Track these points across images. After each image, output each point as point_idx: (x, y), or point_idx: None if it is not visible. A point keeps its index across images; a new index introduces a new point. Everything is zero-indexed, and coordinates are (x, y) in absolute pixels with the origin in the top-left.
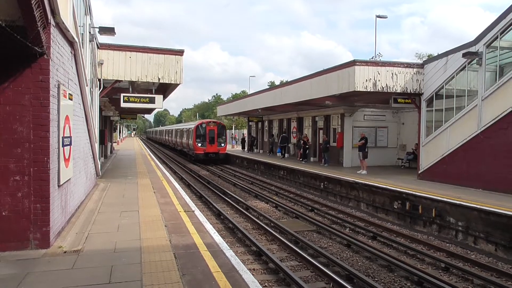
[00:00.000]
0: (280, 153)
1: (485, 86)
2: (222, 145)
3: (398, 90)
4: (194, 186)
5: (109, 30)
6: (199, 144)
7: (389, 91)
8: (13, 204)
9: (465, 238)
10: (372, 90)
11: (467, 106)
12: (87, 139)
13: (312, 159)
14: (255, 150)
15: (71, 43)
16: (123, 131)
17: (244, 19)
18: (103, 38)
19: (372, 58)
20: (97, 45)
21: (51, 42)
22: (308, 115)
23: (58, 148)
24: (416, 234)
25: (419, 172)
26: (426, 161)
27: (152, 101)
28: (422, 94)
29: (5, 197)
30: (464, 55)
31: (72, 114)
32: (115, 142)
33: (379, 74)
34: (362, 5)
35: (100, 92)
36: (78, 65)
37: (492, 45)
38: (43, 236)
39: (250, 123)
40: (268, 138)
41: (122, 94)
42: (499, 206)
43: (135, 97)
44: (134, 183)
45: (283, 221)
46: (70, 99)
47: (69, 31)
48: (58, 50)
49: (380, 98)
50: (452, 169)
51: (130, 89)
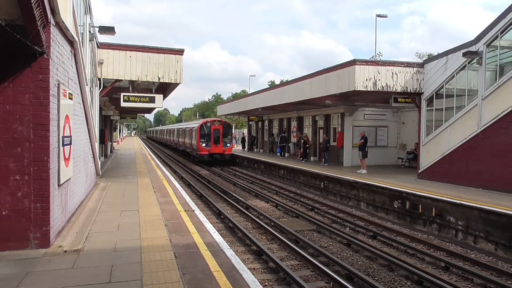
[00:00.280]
0: (279, 152)
1: (485, 85)
2: (228, 145)
3: (398, 90)
4: (194, 185)
5: (109, 30)
6: (204, 144)
7: (389, 91)
8: (13, 203)
9: (465, 237)
10: (372, 90)
11: (467, 105)
12: (87, 139)
13: (312, 159)
14: (255, 149)
15: (71, 43)
16: (123, 131)
17: (244, 18)
18: (103, 38)
19: (372, 58)
20: (97, 44)
21: (51, 41)
22: (308, 115)
23: (58, 147)
24: (416, 233)
25: (419, 171)
26: (426, 160)
27: (152, 100)
28: (422, 93)
29: (5, 196)
30: (464, 55)
31: (72, 114)
32: (115, 142)
33: (379, 73)
34: (362, 4)
35: (100, 91)
36: (78, 64)
37: (492, 44)
38: (43, 235)
39: (250, 123)
40: (268, 138)
41: (122, 94)
42: (499, 205)
43: (135, 96)
44: (134, 183)
45: (283, 220)
46: (70, 99)
47: (69, 30)
48: (58, 49)
49: (380, 98)
50: (452, 168)
51: (130, 88)
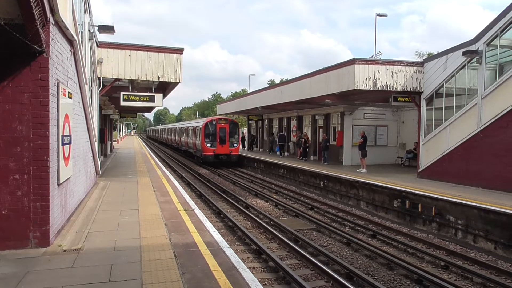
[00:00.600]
0: (278, 151)
1: (485, 84)
2: (235, 145)
3: (398, 89)
4: (194, 184)
5: (108, 29)
6: (208, 144)
7: (389, 90)
8: (12, 202)
9: (464, 236)
10: (372, 89)
11: (467, 104)
12: (87, 138)
13: (312, 158)
14: (255, 148)
15: (71, 42)
16: (123, 130)
17: (243, 17)
18: (103, 37)
19: (372, 57)
20: (96, 43)
21: (50, 40)
22: (308, 114)
23: (58, 146)
24: (415, 232)
25: (419, 170)
26: (426, 159)
27: (151, 99)
28: (422, 92)
29: (4, 195)
30: (464, 54)
31: (71, 113)
32: (115, 141)
33: (379, 72)
34: (362, 3)
35: (99, 90)
36: (77, 63)
37: (492, 43)
38: (43, 234)
39: (250, 122)
40: (268, 137)
41: (122, 93)
42: (499, 205)
43: (135, 95)
44: (134, 182)
45: (283, 219)
46: (70, 98)
47: (68, 30)
48: (57, 48)
49: (380, 97)
50: (451, 167)
51: (130, 87)
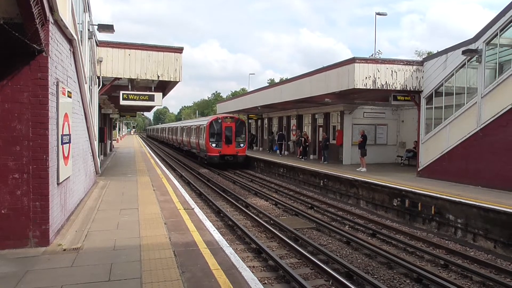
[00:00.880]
0: (276, 150)
1: (484, 83)
2: (241, 145)
3: (398, 88)
4: (193, 183)
5: (108, 28)
6: (213, 144)
7: (388, 89)
8: (12, 202)
9: (464, 235)
10: (371, 88)
11: (467, 103)
12: (86, 137)
13: (311, 157)
14: (255, 147)
15: (70, 41)
16: (123, 129)
17: (243, 16)
18: (102, 36)
19: (371, 56)
20: (96, 42)
21: (50, 39)
22: (307, 113)
23: (57, 146)
24: (415, 231)
25: (419, 169)
26: (426, 158)
27: (151, 98)
28: (422, 91)
29: (4, 195)
30: (463, 53)
31: (71, 112)
32: (115, 140)
33: (379, 71)
34: (362, 2)
35: (99, 89)
36: (77, 62)
37: (491, 42)
38: (43, 234)
39: (250, 121)
40: (267, 136)
41: (122, 92)
42: (498, 203)
43: (135, 94)
44: (133, 181)
45: (283, 218)
46: (69, 97)
47: (67, 29)
48: (56, 47)
49: (379, 96)
50: (451, 166)
51: (130, 86)
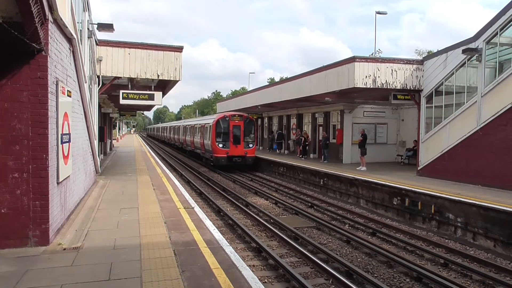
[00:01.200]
0: (276, 148)
1: (484, 82)
2: (250, 145)
3: (398, 87)
4: (193, 183)
5: (107, 27)
6: (220, 144)
7: (388, 88)
8: (12, 201)
9: (464, 234)
10: (371, 87)
11: (467, 102)
12: (86, 136)
13: (312, 156)
14: None
15: (70, 40)
16: (123, 128)
17: (243, 16)
18: (102, 35)
19: (371, 55)
20: (95, 41)
21: (49, 38)
22: (307, 112)
23: (57, 145)
24: (415, 230)
25: (419, 168)
26: (426, 157)
27: (151, 97)
28: (422, 90)
29: (4, 194)
30: (463, 52)
31: (71, 111)
32: (115, 139)
33: (379, 70)
34: (362, 1)
35: (99, 89)
36: (76, 61)
37: (491, 41)
38: (43, 233)
39: None
40: (267, 135)
41: (121, 91)
42: (498, 202)
43: (134, 94)
44: (133, 180)
45: (283, 217)
46: (69, 96)
47: (67, 28)
48: (56, 46)
49: (379, 95)
50: (451, 165)
51: (129, 85)
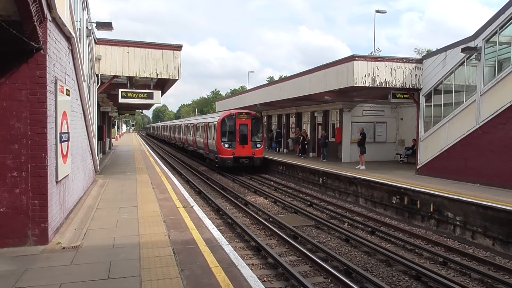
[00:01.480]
0: (275, 147)
1: (483, 81)
2: (258, 146)
3: (397, 85)
4: (193, 181)
5: (106, 25)
6: (226, 145)
7: (388, 86)
8: (11, 200)
9: (463, 233)
10: (371, 85)
11: (466, 101)
12: (85, 135)
13: (311, 155)
14: None
15: (68, 38)
16: (122, 127)
17: (242, 14)
18: (101, 33)
19: (371, 53)
20: (94, 40)
21: (48, 37)
22: (307, 111)
23: (56, 144)
24: (414, 228)
25: (418, 167)
26: (425, 156)
27: (150, 96)
28: (421, 89)
29: (2, 193)
30: (463, 50)
31: (69, 110)
32: (114, 138)
33: (378, 69)
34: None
35: (98, 87)
36: (75, 60)
37: (491, 40)
38: (42, 232)
39: None
40: (267, 134)
41: (120, 90)
42: (497, 201)
43: (133, 92)
44: (132, 179)
45: (282, 216)
46: (68, 95)
47: (66, 26)
48: (55, 45)
49: (379, 94)
50: (450, 164)
51: (128, 84)
